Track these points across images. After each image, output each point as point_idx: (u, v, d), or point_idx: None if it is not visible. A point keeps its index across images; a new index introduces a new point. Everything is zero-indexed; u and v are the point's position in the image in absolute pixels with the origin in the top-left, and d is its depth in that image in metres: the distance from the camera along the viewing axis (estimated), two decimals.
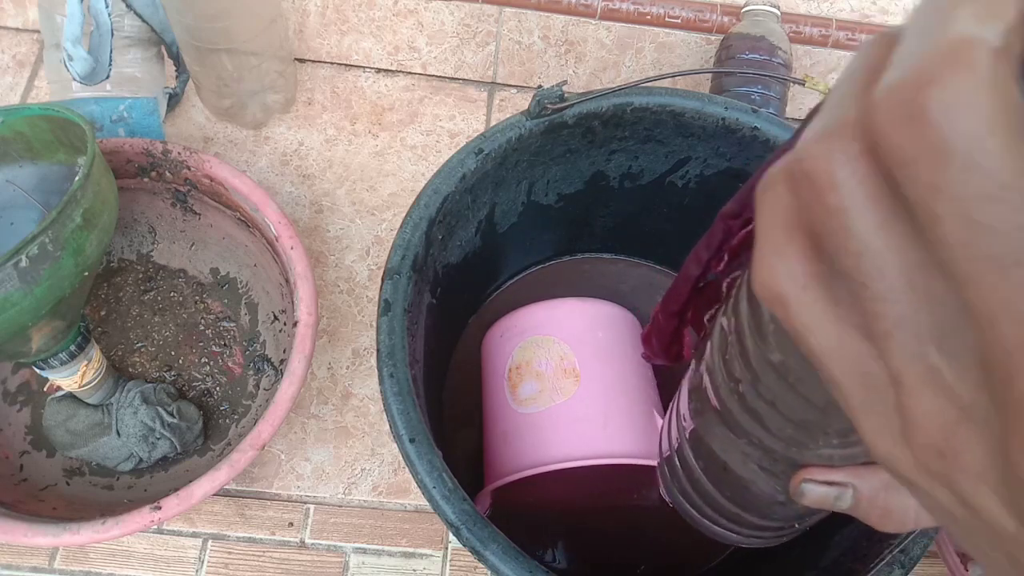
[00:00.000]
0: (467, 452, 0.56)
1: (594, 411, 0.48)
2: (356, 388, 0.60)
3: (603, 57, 0.70)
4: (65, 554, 0.53)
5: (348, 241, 0.65)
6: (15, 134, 0.50)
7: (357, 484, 0.56)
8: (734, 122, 0.47)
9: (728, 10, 0.68)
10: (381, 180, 0.67)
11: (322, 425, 0.58)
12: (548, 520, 0.55)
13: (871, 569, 0.39)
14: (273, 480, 0.56)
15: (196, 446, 0.56)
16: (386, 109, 0.71)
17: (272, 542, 0.55)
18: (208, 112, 0.68)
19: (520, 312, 0.54)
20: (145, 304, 0.60)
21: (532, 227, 0.57)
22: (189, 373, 0.59)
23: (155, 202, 0.59)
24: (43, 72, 0.69)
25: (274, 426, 0.48)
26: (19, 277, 0.40)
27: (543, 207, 0.55)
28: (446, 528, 0.55)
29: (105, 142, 0.54)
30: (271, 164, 0.67)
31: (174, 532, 0.55)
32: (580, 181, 0.54)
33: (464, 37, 0.70)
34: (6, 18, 0.70)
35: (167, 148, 0.55)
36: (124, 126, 0.61)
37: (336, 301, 0.63)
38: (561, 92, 0.45)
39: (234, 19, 0.57)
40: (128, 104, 0.60)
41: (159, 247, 0.62)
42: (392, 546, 0.55)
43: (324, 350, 0.61)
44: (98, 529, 0.45)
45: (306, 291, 0.52)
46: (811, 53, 0.68)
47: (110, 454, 0.53)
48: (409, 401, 0.39)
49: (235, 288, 0.61)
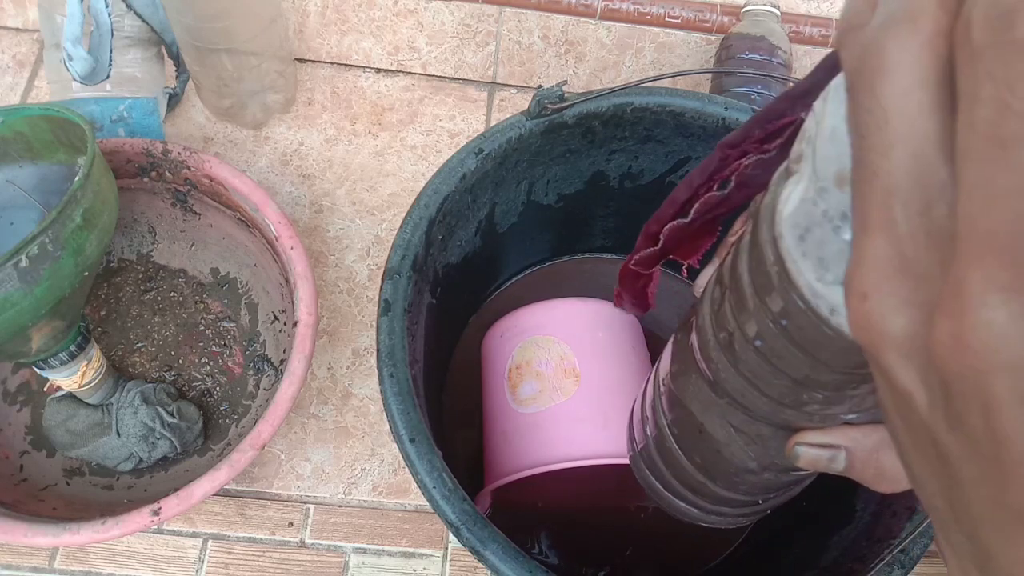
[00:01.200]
0: (467, 452, 0.56)
1: (594, 411, 0.48)
2: (356, 388, 0.60)
3: (603, 57, 0.70)
4: (65, 554, 0.53)
5: (348, 241, 0.65)
6: (15, 134, 0.50)
7: (357, 484, 0.56)
8: (734, 122, 0.47)
9: (728, 10, 0.68)
10: (381, 180, 0.67)
11: (322, 425, 0.58)
12: (548, 520, 0.55)
13: (871, 569, 0.39)
14: (273, 480, 0.56)
15: (196, 446, 0.56)
16: (386, 109, 0.71)
17: (272, 542, 0.55)
18: (208, 112, 0.68)
19: (520, 312, 0.55)
20: (145, 304, 0.60)
21: (532, 227, 0.56)
22: (189, 373, 0.59)
23: (155, 202, 0.59)
24: (43, 72, 0.69)
25: (274, 426, 0.48)
26: (19, 277, 0.40)
27: (543, 207, 0.55)
28: (446, 528, 0.55)
29: (105, 142, 0.54)
30: (271, 164, 0.67)
31: (174, 532, 0.55)
32: (580, 181, 0.54)
33: (464, 37, 0.70)
34: (6, 18, 0.70)
35: (167, 148, 0.55)
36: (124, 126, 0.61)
37: (336, 301, 0.63)
38: (561, 92, 0.45)
39: (234, 19, 0.57)
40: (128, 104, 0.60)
41: (159, 247, 0.62)
42: (392, 546, 0.55)
43: (324, 350, 0.61)
44: (98, 529, 0.45)
45: (306, 291, 0.52)
46: (811, 53, 0.68)
47: (110, 454, 0.53)
48: (409, 401, 0.39)
49: (235, 288, 0.61)
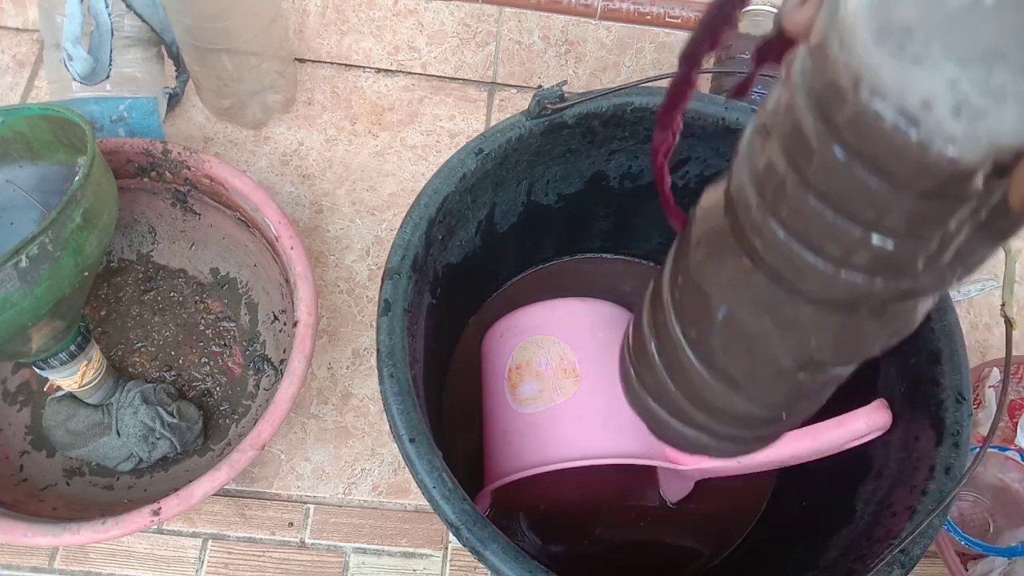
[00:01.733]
0: (467, 452, 0.56)
1: (594, 411, 0.48)
2: (356, 388, 0.60)
3: (603, 57, 0.71)
4: (65, 554, 0.53)
5: (348, 241, 0.65)
6: (15, 134, 0.50)
7: (357, 484, 0.56)
8: (734, 122, 0.47)
9: None
10: (381, 180, 0.68)
11: (322, 425, 0.58)
12: (548, 519, 0.55)
13: (871, 569, 0.39)
14: (273, 480, 0.56)
15: (196, 446, 0.56)
16: (386, 109, 0.71)
17: (272, 542, 0.55)
18: (208, 112, 0.68)
19: (520, 312, 0.55)
20: (145, 304, 0.60)
21: (532, 227, 0.56)
22: (189, 373, 0.59)
23: (155, 202, 0.59)
24: (43, 72, 0.69)
25: (274, 426, 0.48)
26: (19, 277, 0.40)
27: (543, 207, 0.55)
28: (446, 528, 0.55)
29: (105, 142, 0.54)
30: (271, 164, 0.67)
31: (174, 532, 0.55)
32: (580, 181, 0.54)
33: (464, 37, 0.70)
34: (6, 18, 0.70)
35: (167, 148, 0.55)
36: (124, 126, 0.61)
37: (336, 301, 0.63)
38: (561, 92, 0.45)
39: (234, 19, 0.57)
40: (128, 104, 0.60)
41: (159, 247, 0.62)
42: (392, 546, 0.55)
43: (324, 350, 0.61)
44: (98, 529, 0.45)
45: (306, 291, 0.52)
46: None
47: (110, 454, 0.53)
48: (409, 401, 0.39)
49: (235, 288, 0.61)
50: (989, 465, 0.58)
